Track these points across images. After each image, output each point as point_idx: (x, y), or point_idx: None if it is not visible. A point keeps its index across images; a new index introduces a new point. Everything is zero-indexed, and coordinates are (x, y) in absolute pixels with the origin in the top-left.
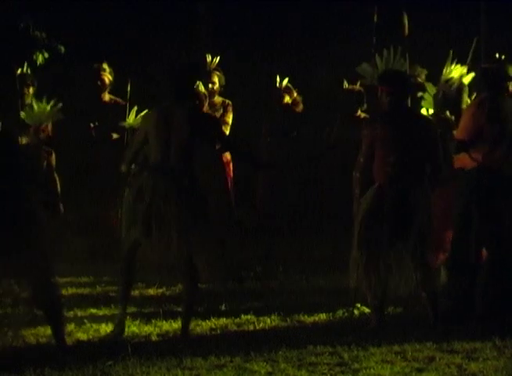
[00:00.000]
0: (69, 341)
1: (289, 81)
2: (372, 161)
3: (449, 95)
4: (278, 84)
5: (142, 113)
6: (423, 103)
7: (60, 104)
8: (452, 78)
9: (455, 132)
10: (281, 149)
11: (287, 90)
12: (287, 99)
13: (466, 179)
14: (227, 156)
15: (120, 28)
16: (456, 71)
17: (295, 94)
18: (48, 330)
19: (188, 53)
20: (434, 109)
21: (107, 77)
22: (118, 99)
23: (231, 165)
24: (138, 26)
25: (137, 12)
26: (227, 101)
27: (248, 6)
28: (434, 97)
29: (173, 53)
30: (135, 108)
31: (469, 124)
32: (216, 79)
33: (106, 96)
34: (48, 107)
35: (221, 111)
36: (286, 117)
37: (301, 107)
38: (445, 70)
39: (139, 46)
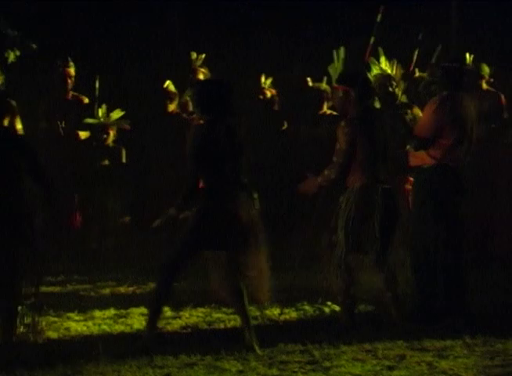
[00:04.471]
0: (39, 339)
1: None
2: (351, 161)
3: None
4: (263, 84)
5: (116, 112)
6: None
7: None
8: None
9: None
10: (258, 148)
11: (269, 89)
12: (268, 95)
13: (424, 177)
14: None
15: (91, 24)
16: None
17: (274, 92)
18: (19, 329)
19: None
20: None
21: (71, 74)
22: (81, 96)
23: None
24: (110, 23)
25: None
26: None
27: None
28: None
29: (146, 49)
30: (105, 106)
31: (430, 121)
32: (202, 76)
33: (70, 94)
34: None
35: None
36: (266, 115)
37: (276, 107)
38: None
39: (111, 43)
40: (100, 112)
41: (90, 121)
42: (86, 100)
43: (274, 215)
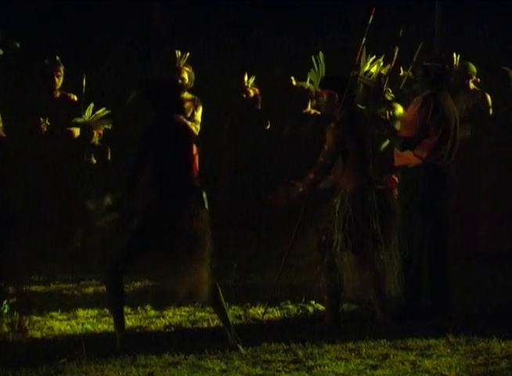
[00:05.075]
0: (23, 338)
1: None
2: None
3: (371, 86)
4: (246, 82)
5: (100, 111)
6: None
7: None
8: (369, 71)
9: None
10: (243, 146)
11: (252, 88)
12: (252, 94)
13: (411, 177)
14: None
15: (75, 23)
16: (372, 64)
17: (257, 91)
18: (2, 328)
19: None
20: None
21: (60, 74)
22: (69, 94)
23: (196, 159)
24: (94, 21)
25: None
26: (196, 98)
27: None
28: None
29: (145, 49)
30: (92, 105)
31: (414, 121)
32: (186, 75)
33: (58, 92)
34: None
35: (191, 108)
36: (249, 114)
37: (259, 106)
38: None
39: (110, 43)
40: (87, 111)
41: (78, 120)
42: (75, 98)
43: (257, 215)
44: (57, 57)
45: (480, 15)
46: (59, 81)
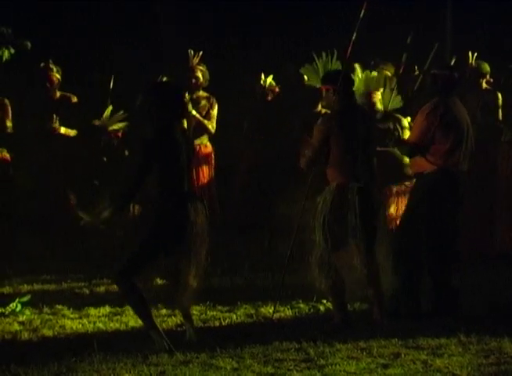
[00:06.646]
0: (34, 337)
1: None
2: (322, 157)
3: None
4: (262, 82)
5: (120, 114)
6: None
7: None
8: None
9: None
10: (262, 146)
11: (271, 88)
12: (271, 96)
13: (424, 181)
14: (208, 147)
15: (75, 23)
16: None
17: (276, 91)
18: (14, 327)
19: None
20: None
21: (55, 77)
22: (68, 95)
23: (212, 157)
24: (94, 21)
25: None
26: (211, 96)
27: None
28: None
29: (145, 48)
30: (110, 107)
31: (421, 128)
32: (199, 74)
33: (57, 94)
34: None
35: (207, 107)
36: (268, 115)
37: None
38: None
39: (95, 41)
40: (105, 113)
41: (96, 122)
42: (75, 99)
43: (266, 214)
44: (50, 60)
45: (480, 15)
46: (55, 83)
